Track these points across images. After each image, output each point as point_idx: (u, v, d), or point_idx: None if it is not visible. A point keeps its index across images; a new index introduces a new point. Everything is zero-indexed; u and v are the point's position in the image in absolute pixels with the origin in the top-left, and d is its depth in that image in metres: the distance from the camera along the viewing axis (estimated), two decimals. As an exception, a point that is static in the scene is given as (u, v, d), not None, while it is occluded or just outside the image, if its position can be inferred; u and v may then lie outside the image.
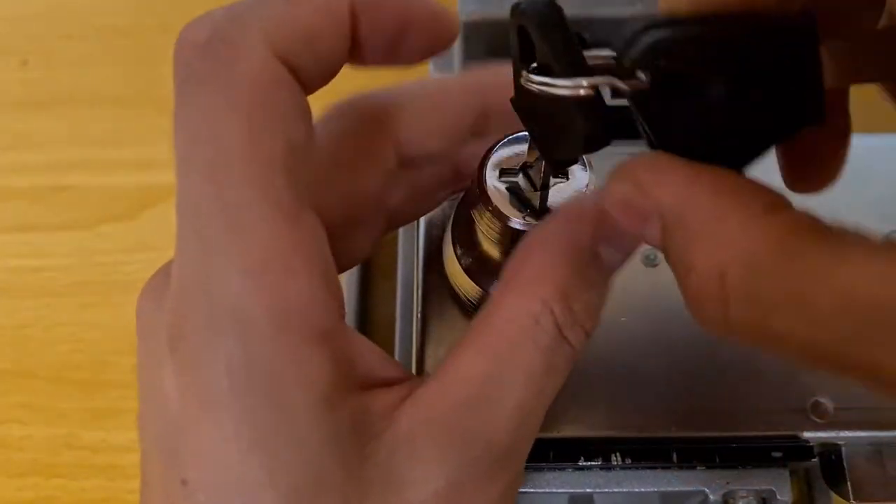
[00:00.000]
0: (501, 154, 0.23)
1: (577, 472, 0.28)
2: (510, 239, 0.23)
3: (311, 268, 0.18)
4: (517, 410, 0.19)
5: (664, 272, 0.29)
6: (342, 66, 0.20)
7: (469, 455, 0.18)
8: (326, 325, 0.18)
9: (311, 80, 0.19)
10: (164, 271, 0.20)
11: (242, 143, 0.17)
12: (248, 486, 0.17)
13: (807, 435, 0.27)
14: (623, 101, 0.17)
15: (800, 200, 0.17)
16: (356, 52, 0.20)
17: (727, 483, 0.27)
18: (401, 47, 0.20)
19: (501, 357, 0.19)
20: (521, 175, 0.23)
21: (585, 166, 0.23)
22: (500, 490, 0.19)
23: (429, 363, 0.27)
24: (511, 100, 0.20)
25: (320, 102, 0.21)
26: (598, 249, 0.20)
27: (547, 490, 0.28)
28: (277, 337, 0.17)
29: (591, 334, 0.20)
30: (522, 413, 0.19)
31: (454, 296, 0.28)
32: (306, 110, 0.19)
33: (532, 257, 0.20)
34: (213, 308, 0.17)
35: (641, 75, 0.17)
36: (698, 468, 0.28)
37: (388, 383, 0.19)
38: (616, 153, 0.18)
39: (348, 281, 0.39)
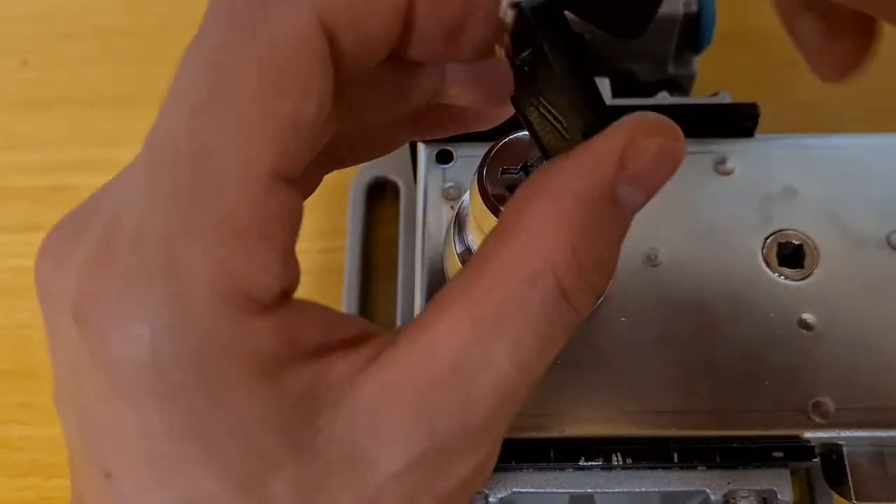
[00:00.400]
0: (502, 153, 0.23)
1: (577, 472, 0.28)
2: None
3: (269, 241, 0.16)
4: (498, 388, 0.16)
5: (664, 272, 0.29)
6: (384, 57, 0.18)
7: (437, 432, 0.16)
8: (270, 299, 0.16)
9: (349, 62, 0.17)
10: (69, 227, 0.18)
11: (243, 99, 0.16)
12: (181, 473, 0.15)
13: (808, 435, 0.27)
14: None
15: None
16: (406, 43, 0.18)
17: (728, 483, 0.27)
18: (457, 40, 0.18)
19: (486, 325, 0.16)
20: (521, 174, 0.23)
21: (586, 166, 0.23)
22: (467, 471, 0.17)
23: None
24: (511, 98, 0.20)
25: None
26: (618, 190, 0.17)
27: (547, 490, 0.28)
28: (214, 306, 0.15)
29: (603, 294, 0.17)
30: (504, 391, 0.16)
31: (454, 296, 0.28)
32: (327, 94, 0.16)
33: (536, 202, 0.17)
34: (142, 267, 0.15)
35: None
36: (699, 468, 0.28)
37: (348, 344, 0.17)
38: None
39: (349, 281, 0.39)
